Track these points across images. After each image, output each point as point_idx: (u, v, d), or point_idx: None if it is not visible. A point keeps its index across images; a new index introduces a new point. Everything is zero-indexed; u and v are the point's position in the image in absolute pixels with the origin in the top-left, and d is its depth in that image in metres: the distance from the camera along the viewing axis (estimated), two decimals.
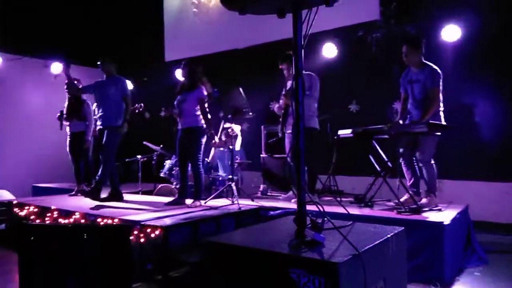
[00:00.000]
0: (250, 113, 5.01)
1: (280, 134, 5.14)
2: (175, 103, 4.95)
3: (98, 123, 5.22)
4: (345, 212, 2.79)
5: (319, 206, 2.02)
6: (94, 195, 4.94)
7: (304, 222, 1.98)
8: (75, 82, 5.71)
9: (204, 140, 4.83)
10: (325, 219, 1.98)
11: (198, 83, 4.86)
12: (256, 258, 1.80)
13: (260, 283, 1.77)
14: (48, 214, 4.68)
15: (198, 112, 4.82)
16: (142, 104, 6.12)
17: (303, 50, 1.97)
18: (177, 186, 5.78)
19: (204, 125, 4.84)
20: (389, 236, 2.01)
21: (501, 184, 5.29)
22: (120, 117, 5.11)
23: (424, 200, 4.25)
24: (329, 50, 6.49)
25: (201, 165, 4.85)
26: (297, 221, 1.96)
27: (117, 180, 5.23)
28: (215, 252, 1.93)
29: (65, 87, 5.85)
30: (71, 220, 4.36)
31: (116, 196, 5.16)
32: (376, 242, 1.87)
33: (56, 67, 8.48)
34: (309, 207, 2.08)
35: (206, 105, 4.84)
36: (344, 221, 2.26)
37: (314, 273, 1.60)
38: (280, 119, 5.02)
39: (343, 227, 2.07)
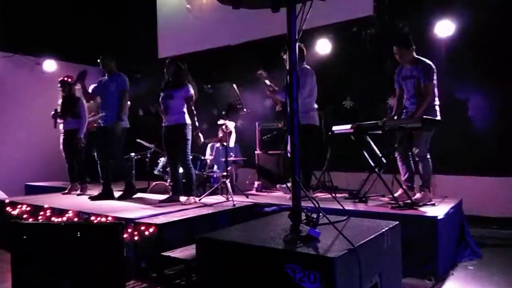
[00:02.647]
0: (244, 110, 4.98)
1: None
2: (160, 100, 4.92)
3: (100, 121, 5.24)
4: (340, 207, 2.79)
5: (314, 202, 2.02)
6: (107, 195, 5.09)
7: (299, 217, 1.97)
8: (70, 81, 5.70)
9: (190, 136, 4.81)
10: (320, 214, 1.97)
11: (186, 81, 4.84)
12: (251, 254, 1.78)
13: (256, 279, 1.76)
14: (41, 213, 4.63)
15: (185, 110, 4.80)
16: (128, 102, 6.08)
17: (297, 45, 1.95)
18: (171, 184, 5.76)
19: (190, 122, 4.82)
20: (384, 230, 2.01)
21: (493, 178, 5.31)
22: (123, 115, 5.15)
23: (418, 195, 4.26)
24: (323, 46, 6.47)
25: (190, 162, 4.83)
26: (292, 216, 1.95)
27: (109, 178, 5.24)
28: (209, 248, 1.92)
29: (59, 85, 5.82)
30: (64, 218, 4.33)
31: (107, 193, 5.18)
32: (371, 237, 1.87)
33: (49, 65, 8.42)
34: (304, 203, 2.07)
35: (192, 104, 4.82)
36: (339, 216, 2.25)
37: (309, 268, 1.59)
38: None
39: (338, 222, 2.07)
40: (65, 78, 5.84)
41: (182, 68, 4.85)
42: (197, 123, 4.82)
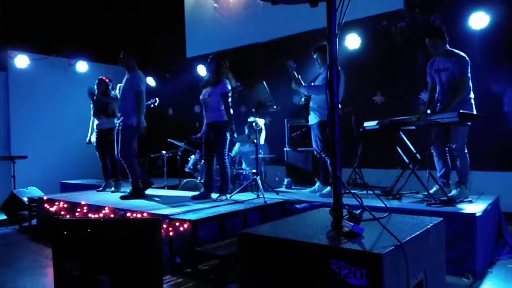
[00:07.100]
0: (275, 107, 4.97)
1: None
2: (200, 97, 4.95)
3: (117, 121, 5.24)
4: (376, 204, 2.76)
5: (357, 198, 2.00)
6: (137, 194, 5.04)
7: (341, 213, 1.96)
8: (107, 80, 5.91)
9: (228, 135, 4.82)
10: (363, 210, 1.95)
11: (223, 77, 4.84)
12: (295, 250, 1.78)
13: (299, 274, 1.76)
14: (78, 209, 4.77)
15: (223, 107, 4.81)
16: (156, 99, 6.10)
17: (337, 40, 1.94)
18: (202, 181, 5.82)
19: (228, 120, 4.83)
20: (429, 226, 1.97)
21: None
22: (134, 115, 5.01)
23: (454, 192, 4.16)
24: (353, 41, 6.38)
25: (227, 160, 4.85)
26: (333, 212, 1.94)
27: (136, 177, 5.12)
28: (252, 244, 1.93)
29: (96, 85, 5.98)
30: (101, 214, 4.44)
31: (136, 192, 5.11)
32: (417, 233, 1.84)
33: (81, 66, 8.67)
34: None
35: (229, 99, 4.83)
36: (380, 213, 2.22)
37: (356, 264, 1.58)
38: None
39: (380, 219, 2.04)
40: (104, 78, 5.99)
41: (221, 65, 4.85)
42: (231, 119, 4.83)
